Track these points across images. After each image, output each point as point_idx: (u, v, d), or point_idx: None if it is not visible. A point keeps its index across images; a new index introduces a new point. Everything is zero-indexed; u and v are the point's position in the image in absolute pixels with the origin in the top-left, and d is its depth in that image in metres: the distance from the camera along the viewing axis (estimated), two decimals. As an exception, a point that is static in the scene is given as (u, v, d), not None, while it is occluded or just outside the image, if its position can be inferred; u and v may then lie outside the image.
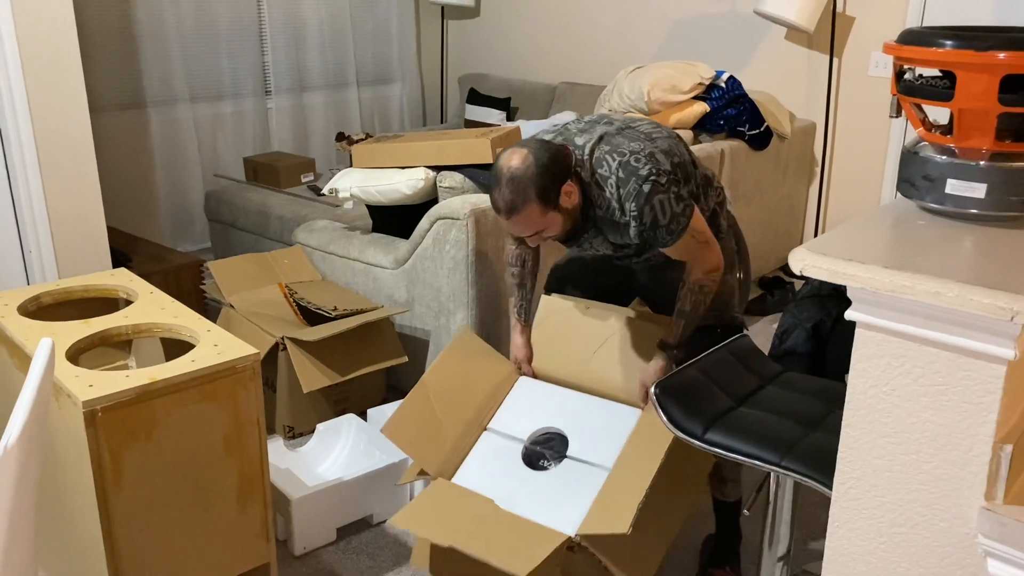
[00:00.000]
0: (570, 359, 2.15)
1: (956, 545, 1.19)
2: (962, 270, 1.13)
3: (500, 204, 1.86)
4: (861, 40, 4.19)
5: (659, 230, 1.89)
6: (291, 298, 2.97)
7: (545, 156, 1.84)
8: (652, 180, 1.86)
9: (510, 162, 1.84)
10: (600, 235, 2.00)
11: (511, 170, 1.83)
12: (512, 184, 1.83)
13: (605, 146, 1.92)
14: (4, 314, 2.10)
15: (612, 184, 1.89)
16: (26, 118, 2.75)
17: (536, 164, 1.82)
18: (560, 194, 1.85)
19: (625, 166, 1.88)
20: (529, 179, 1.82)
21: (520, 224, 1.88)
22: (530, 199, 1.83)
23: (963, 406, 1.15)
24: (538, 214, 1.85)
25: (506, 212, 1.86)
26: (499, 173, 1.85)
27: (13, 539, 1.22)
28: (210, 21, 4.58)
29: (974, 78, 1.23)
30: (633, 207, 1.87)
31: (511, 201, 1.84)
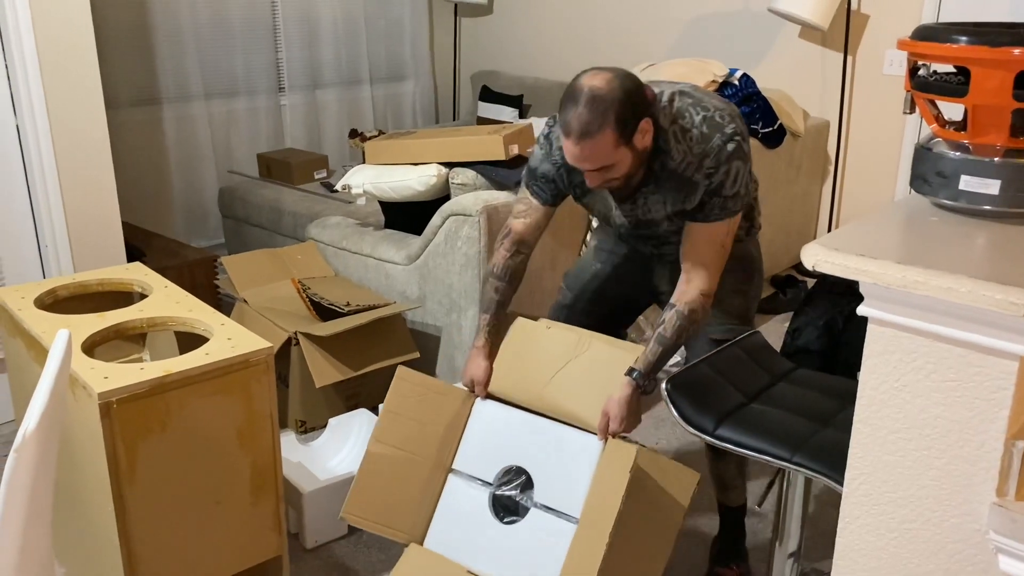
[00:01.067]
0: (528, 381, 2.00)
1: (967, 541, 1.19)
2: (975, 266, 1.13)
3: (574, 125, 1.68)
4: (876, 38, 4.17)
5: (716, 199, 1.78)
6: (304, 293, 2.99)
7: (631, 84, 1.70)
8: (737, 141, 1.76)
9: (593, 81, 1.69)
10: (658, 193, 1.85)
11: (593, 89, 1.68)
12: (592, 104, 1.66)
13: (687, 98, 1.80)
14: (21, 307, 2.12)
15: (694, 136, 1.77)
16: (43, 114, 2.78)
17: (622, 88, 1.68)
18: (637, 130, 1.71)
19: (710, 120, 1.77)
20: (611, 102, 1.67)
21: (589, 152, 1.71)
22: (608, 124, 1.67)
23: (975, 402, 1.14)
24: (611, 145, 1.69)
25: (578, 135, 1.69)
26: (577, 91, 1.69)
27: (31, 527, 1.24)
28: (225, 19, 4.60)
29: (989, 74, 1.23)
30: (711, 163, 1.76)
31: (587, 123, 1.67)
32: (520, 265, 2.06)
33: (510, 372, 2.03)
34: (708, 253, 1.83)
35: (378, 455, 2.04)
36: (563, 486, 1.87)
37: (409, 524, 2.01)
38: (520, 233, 2.03)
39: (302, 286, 3.02)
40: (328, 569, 2.32)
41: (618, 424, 1.84)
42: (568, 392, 1.93)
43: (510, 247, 2.04)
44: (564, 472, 1.88)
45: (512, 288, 2.06)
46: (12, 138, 2.81)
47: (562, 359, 1.96)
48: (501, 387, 2.03)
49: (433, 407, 2.05)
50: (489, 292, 2.06)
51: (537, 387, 1.97)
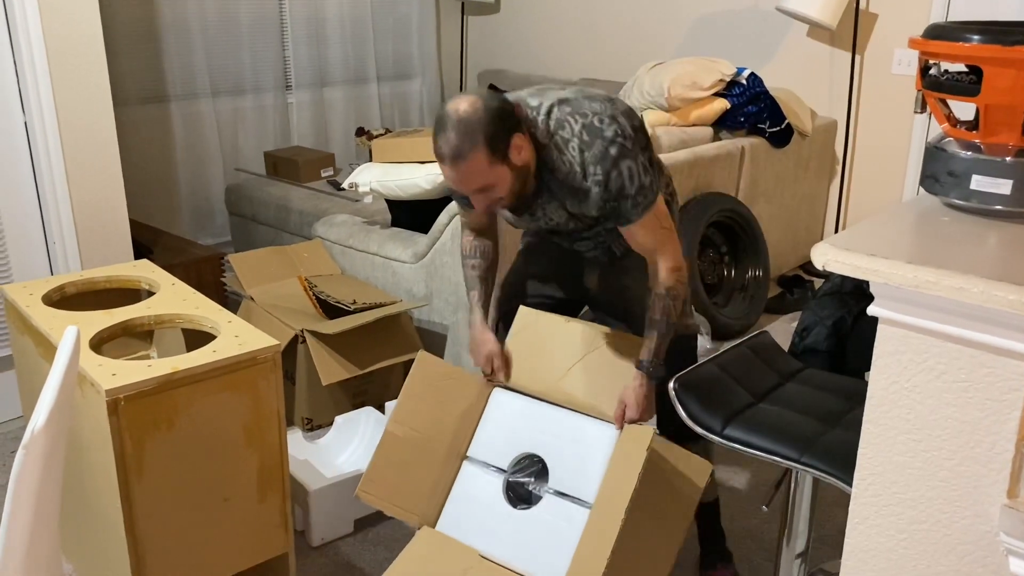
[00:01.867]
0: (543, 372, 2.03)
1: (977, 543, 1.18)
2: (987, 266, 1.12)
3: (445, 150, 1.71)
4: (884, 37, 4.16)
5: (625, 201, 1.79)
6: (310, 291, 2.99)
7: (495, 103, 1.72)
8: (619, 143, 1.76)
9: (458, 106, 1.71)
10: (555, 201, 1.88)
11: (459, 113, 1.70)
12: (459, 128, 1.69)
13: (566, 108, 1.80)
14: (29, 304, 2.13)
15: (575, 147, 1.77)
16: (51, 111, 2.78)
17: (485, 109, 1.70)
18: (510, 146, 1.73)
19: (589, 128, 1.77)
20: (477, 123, 1.69)
21: (465, 174, 1.73)
22: (478, 145, 1.69)
23: (986, 403, 1.14)
24: (485, 164, 1.71)
25: (451, 159, 1.71)
26: (445, 117, 1.71)
27: (39, 524, 1.24)
28: (232, 16, 4.61)
29: (1001, 73, 1.22)
30: (599, 171, 1.76)
31: (457, 146, 1.69)
32: (486, 244, 2.12)
33: (523, 363, 2.06)
34: (655, 239, 1.87)
35: (396, 436, 2.06)
36: (578, 473, 1.90)
37: (422, 507, 2.02)
38: (470, 224, 2.12)
39: (309, 284, 3.02)
40: (334, 567, 2.32)
41: (635, 412, 1.88)
42: (584, 384, 1.98)
43: (469, 234, 2.13)
44: (579, 459, 1.91)
45: (487, 262, 2.12)
46: (20, 135, 2.81)
47: (577, 352, 2.01)
48: (516, 379, 2.07)
49: (452, 393, 2.08)
50: (468, 271, 2.13)
51: (552, 379, 2.01)
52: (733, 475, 2.72)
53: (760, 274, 3.82)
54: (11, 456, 2.81)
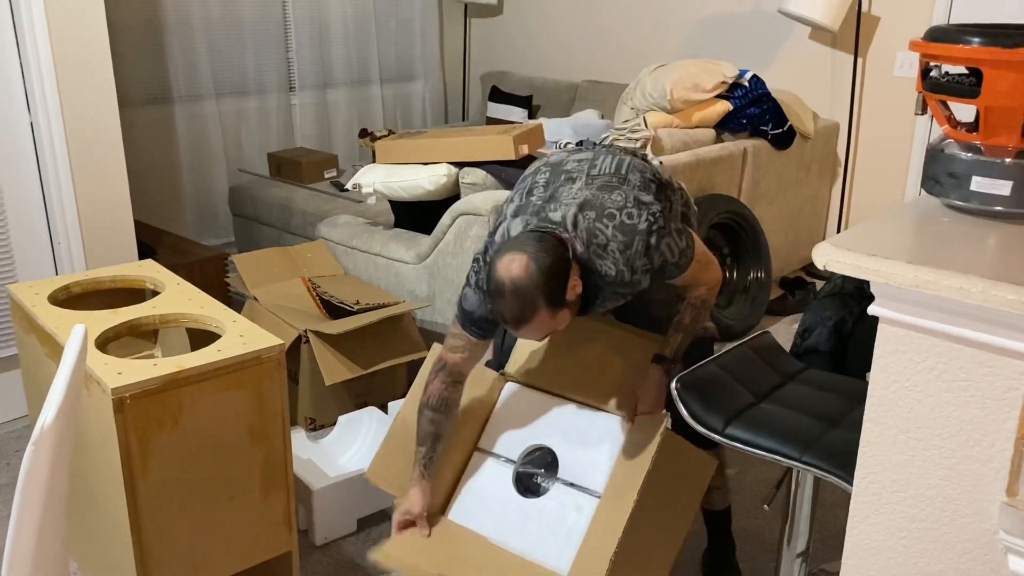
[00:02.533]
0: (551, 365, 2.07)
1: (977, 541, 1.19)
2: (987, 266, 1.13)
3: (508, 316, 1.70)
4: (886, 40, 4.17)
5: (668, 268, 1.81)
6: (314, 292, 3.00)
7: (546, 258, 1.68)
8: (655, 230, 1.75)
9: (511, 272, 1.67)
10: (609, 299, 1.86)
11: (514, 281, 1.67)
12: (518, 296, 1.66)
13: (590, 213, 1.76)
14: (35, 303, 2.14)
15: (614, 249, 1.75)
16: (57, 112, 2.80)
17: (539, 270, 1.66)
18: (567, 290, 1.71)
19: (622, 227, 1.74)
20: (535, 287, 1.66)
21: (531, 331, 1.73)
22: (539, 307, 1.68)
23: (985, 402, 1.15)
24: (548, 318, 1.71)
25: (515, 324, 1.70)
26: (500, 284, 1.68)
27: (47, 520, 1.25)
28: (236, 18, 4.62)
29: (1001, 75, 1.23)
30: (645, 262, 1.76)
31: (520, 313, 1.68)
32: (456, 395, 2.01)
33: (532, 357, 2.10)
34: (695, 276, 1.90)
35: (407, 423, 2.08)
36: (587, 464, 1.93)
37: None
38: (457, 366, 1.98)
39: (312, 284, 3.04)
40: (337, 566, 2.33)
41: (648, 406, 1.91)
42: (593, 377, 2.01)
43: (445, 379, 1.98)
44: (589, 451, 1.94)
45: (449, 419, 2.01)
46: (26, 136, 2.83)
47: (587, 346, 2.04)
48: (526, 374, 2.10)
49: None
50: (424, 425, 1.99)
51: (561, 372, 2.05)
52: (735, 475, 2.72)
53: (762, 276, 3.83)
54: (16, 455, 2.83)
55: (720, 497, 2.21)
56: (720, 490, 2.20)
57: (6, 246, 2.85)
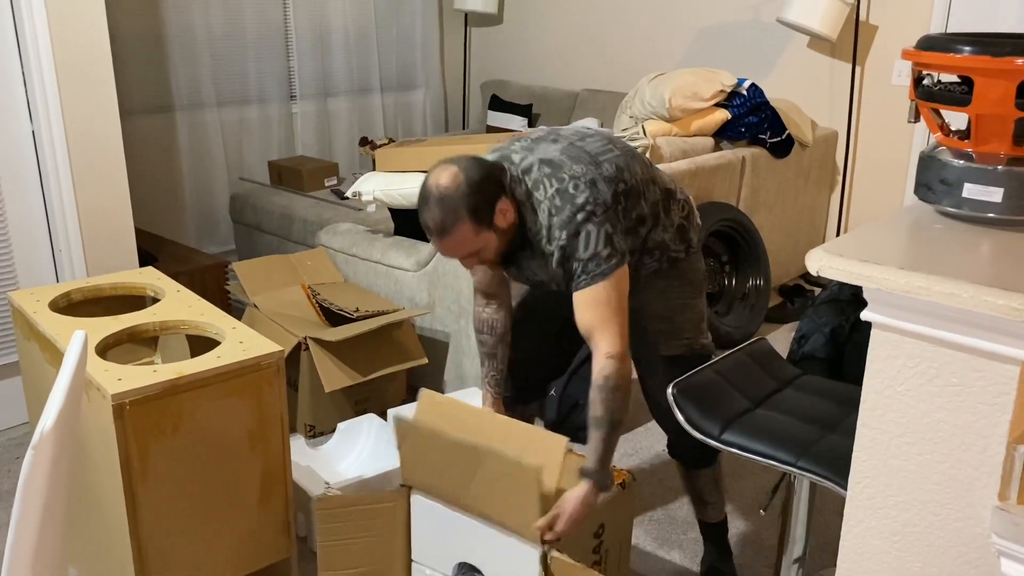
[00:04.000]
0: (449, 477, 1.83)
1: (970, 544, 1.20)
2: (977, 272, 1.14)
3: (431, 224, 1.72)
4: (884, 49, 4.19)
5: (575, 263, 1.74)
6: (314, 299, 3.02)
7: (476, 173, 1.71)
8: (587, 210, 1.73)
9: (439, 180, 1.71)
10: (535, 259, 1.85)
11: (440, 188, 1.70)
12: (442, 203, 1.69)
13: (546, 168, 1.78)
14: (36, 310, 2.15)
15: (545, 209, 1.76)
16: (59, 121, 2.82)
17: (467, 182, 1.70)
18: (495, 212, 1.73)
19: (562, 193, 1.75)
20: (460, 197, 1.69)
21: (452, 245, 1.74)
22: (461, 218, 1.70)
23: (977, 407, 1.16)
24: (471, 234, 1.72)
25: (437, 233, 1.72)
26: (427, 192, 1.72)
27: (46, 525, 1.26)
28: (238, 27, 4.65)
29: (991, 84, 1.24)
30: (563, 236, 1.74)
31: (441, 221, 1.70)
32: (495, 315, 2.05)
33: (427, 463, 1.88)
34: (597, 315, 1.75)
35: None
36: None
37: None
38: (480, 285, 2.05)
39: (312, 292, 3.05)
40: (336, 572, 2.33)
41: (567, 525, 1.72)
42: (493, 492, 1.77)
43: (480, 301, 2.07)
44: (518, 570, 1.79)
45: (494, 336, 2.06)
46: (28, 144, 2.85)
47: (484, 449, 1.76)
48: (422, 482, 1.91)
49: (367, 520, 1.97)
50: (478, 347, 2.11)
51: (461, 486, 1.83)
52: (732, 482, 2.73)
53: (761, 283, 3.84)
54: (17, 462, 2.83)
55: (715, 511, 2.19)
56: (715, 504, 2.18)
57: (7, 253, 2.87)
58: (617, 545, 2.03)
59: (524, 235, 1.81)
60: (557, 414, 2.93)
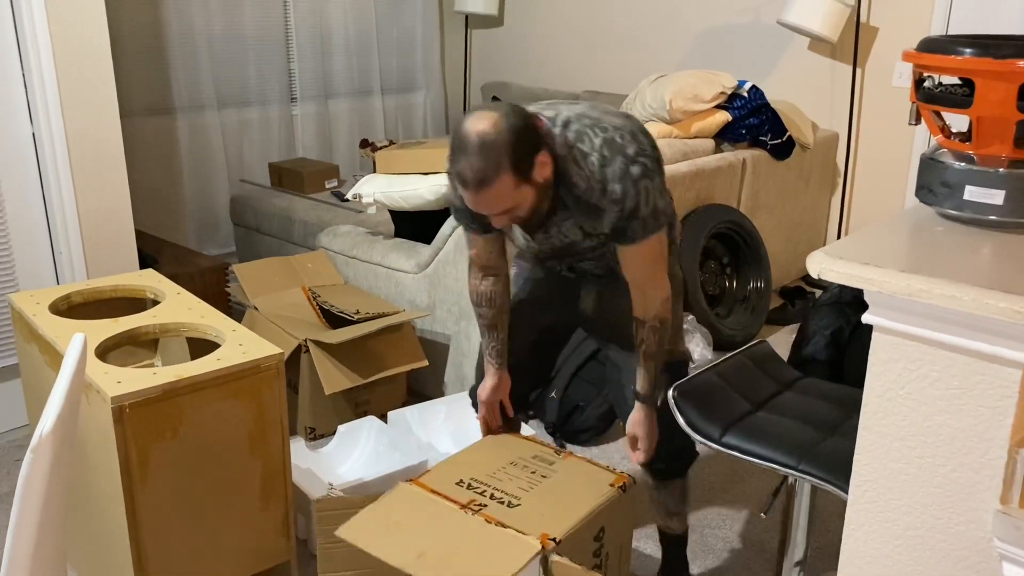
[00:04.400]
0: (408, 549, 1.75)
1: (972, 548, 1.20)
2: (979, 275, 1.14)
3: (469, 175, 1.60)
4: (885, 51, 4.19)
5: (635, 221, 1.70)
6: (314, 301, 3.01)
7: (518, 120, 1.60)
8: (641, 162, 1.68)
9: (478, 126, 1.59)
10: (571, 219, 1.79)
11: (481, 135, 1.57)
12: (483, 152, 1.57)
13: (585, 119, 1.71)
14: (36, 312, 2.15)
15: (594, 161, 1.68)
16: (59, 122, 2.82)
17: (509, 129, 1.58)
18: (535, 164, 1.63)
19: (610, 143, 1.68)
20: (503, 145, 1.57)
21: (490, 199, 1.63)
22: (503, 169, 1.58)
23: (979, 410, 1.15)
24: (511, 187, 1.62)
25: (475, 184, 1.60)
26: (465, 139, 1.59)
27: (45, 528, 1.26)
28: (238, 29, 4.65)
29: (993, 86, 1.24)
30: (619, 188, 1.68)
31: (482, 171, 1.58)
32: (493, 288, 2.01)
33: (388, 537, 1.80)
34: (649, 268, 1.79)
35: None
36: None
37: None
38: (476, 261, 1.99)
39: (312, 294, 3.05)
40: None
41: (648, 442, 1.90)
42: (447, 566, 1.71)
43: (476, 274, 2.01)
44: None
45: (494, 308, 2.02)
46: (28, 146, 2.84)
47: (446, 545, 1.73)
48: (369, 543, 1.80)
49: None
50: (479, 320, 2.06)
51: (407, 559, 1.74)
52: (733, 485, 2.72)
53: (762, 285, 3.83)
54: (16, 464, 2.83)
55: (679, 522, 2.15)
56: (680, 515, 2.14)
57: (7, 255, 2.87)
58: (617, 548, 2.02)
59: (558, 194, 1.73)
60: (558, 416, 2.93)
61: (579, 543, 1.87)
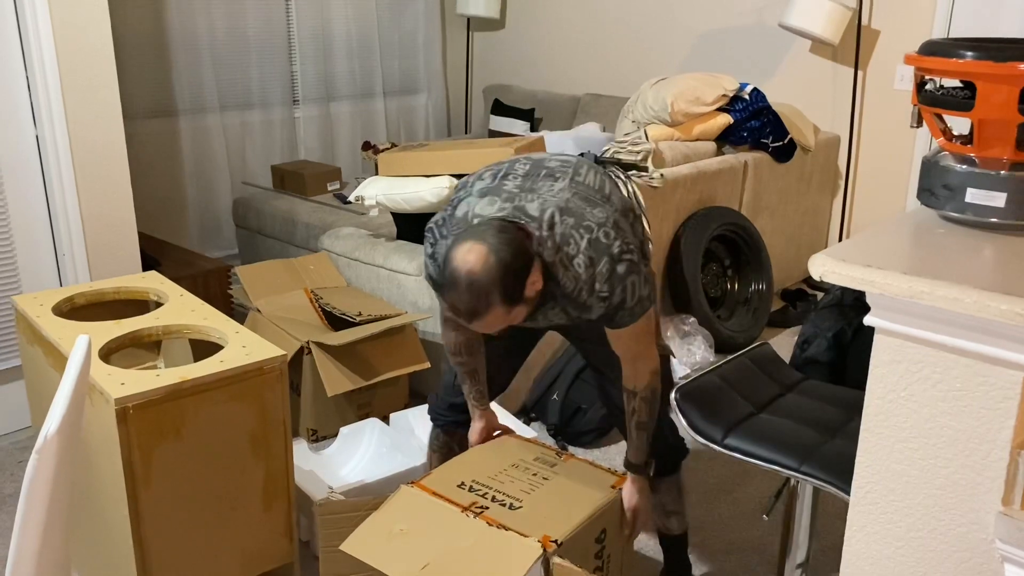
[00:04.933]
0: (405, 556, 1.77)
1: (973, 550, 1.20)
2: (980, 277, 1.14)
3: (462, 308, 1.61)
4: (886, 53, 4.19)
5: (622, 312, 1.73)
6: (316, 303, 3.02)
7: (507, 252, 1.59)
8: (626, 259, 1.69)
9: (467, 263, 1.58)
10: (557, 307, 1.78)
11: (471, 275, 1.57)
12: (472, 289, 1.58)
13: (569, 219, 1.69)
14: (39, 314, 2.15)
15: (580, 263, 1.68)
16: (62, 125, 2.83)
17: (499, 264, 1.58)
18: (525, 287, 1.63)
19: (595, 244, 1.68)
20: (492, 282, 1.58)
21: (484, 326, 1.65)
22: (494, 303, 1.59)
23: (981, 412, 1.16)
24: (504, 314, 1.63)
25: (468, 316, 1.62)
26: (456, 275, 1.59)
27: (50, 528, 1.26)
28: (240, 32, 4.66)
29: (994, 88, 1.25)
30: (606, 288, 1.69)
31: (473, 307, 1.60)
32: (470, 339, 2.01)
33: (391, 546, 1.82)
34: (637, 345, 1.81)
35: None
36: None
37: None
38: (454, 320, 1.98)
39: (315, 296, 3.05)
40: (338, 577, 2.33)
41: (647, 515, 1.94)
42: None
43: (451, 327, 1.99)
44: None
45: (474, 357, 2.03)
46: (32, 148, 2.85)
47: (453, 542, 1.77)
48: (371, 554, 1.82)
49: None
50: (459, 369, 2.04)
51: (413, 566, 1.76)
52: (735, 487, 2.73)
53: (763, 287, 3.84)
54: (19, 466, 2.84)
55: (678, 522, 2.15)
56: (679, 515, 2.14)
57: (11, 258, 2.87)
58: (619, 550, 2.02)
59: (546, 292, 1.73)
60: (560, 418, 2.93)
61: (580, 545, 1.88)
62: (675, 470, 2.10)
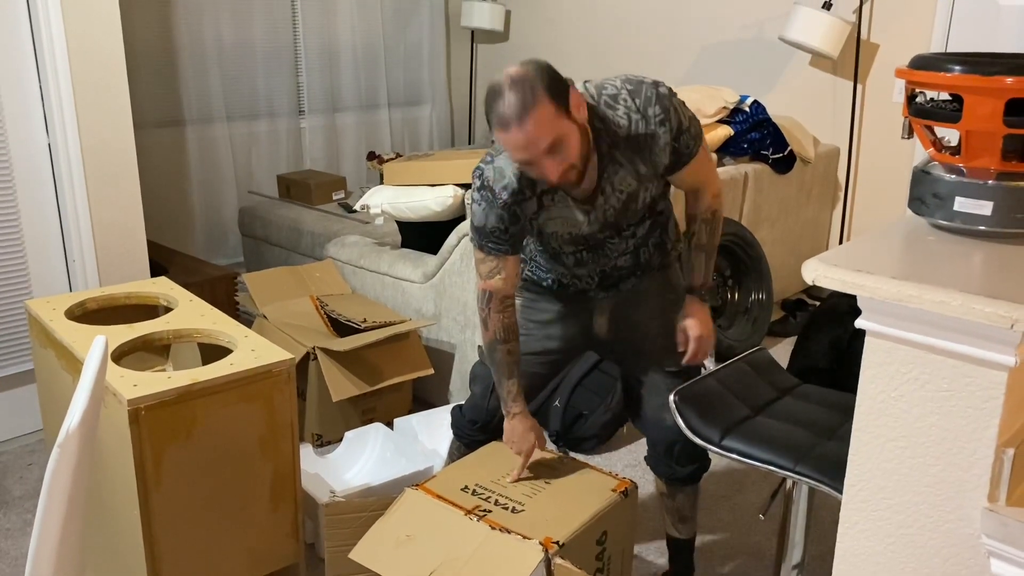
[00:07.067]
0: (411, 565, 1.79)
1: (961, 545, 1.24)
2: (967, 281, 1.19)
3: (508, 111, 1.61)
4: (885, 67, 4.24)
5: (684, 135, 1.81)
6: (322, 310, 3.06)
7: (544, 63, 1.67)
8: (663, 85, 1.80)
9: (507, 71, 1.65)
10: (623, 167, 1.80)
11: (512, 75, 1.63)
12: (517, 86, 1.61)
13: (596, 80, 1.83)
14: (52, 318, 2.20)
15: (625, 98, 1.77)
16: (75, 133, 2.88)
17: (537, 66, 1.65)
18: (570, 99, 1.66)
19: (629, 80, 1.79)
20: (534, 77, 1.62)
21: (534, 129, 1.61)
22: (540, 96, 1.61)
23: (967, 411, 1.20)
24: (552, 115, 1.62)
25: (517, 116, 1.61)
26: (499, 85, 1.64)
27: (69, 522, 1.30)
28: (247, 44, 4.73)
29: (981, 101, 1.29)
30: (659, 110, 1.76)
31: (521, 102, 1.60)
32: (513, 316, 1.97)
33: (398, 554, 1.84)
34: (706, 168, 1.92)
35: None
36: None
37: None
38: (502, 290, 1.91)
39: (320, 303, 3.10)
40: (343, 578, 2.36)
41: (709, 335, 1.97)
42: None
43: (498, 307, 1.92)
44: None
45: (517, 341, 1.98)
46: (44, 156, 2.90)
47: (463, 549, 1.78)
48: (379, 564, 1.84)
49: None
50: (502, 357, 1.94)
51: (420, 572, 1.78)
52: (734, 492, 2.76)
53: (763, 297, 3.88)
54: (29, 468, 2.88)
55: (689, 527, 2.19)
56: (691, 520, 2.18)
57: (22, 263, 2.92)
58: (620, 552, 2.06)
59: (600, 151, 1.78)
60: (562, 424, 2.97)
61: (582, 547, 1.92)
62: (699, 479, 2.14)
